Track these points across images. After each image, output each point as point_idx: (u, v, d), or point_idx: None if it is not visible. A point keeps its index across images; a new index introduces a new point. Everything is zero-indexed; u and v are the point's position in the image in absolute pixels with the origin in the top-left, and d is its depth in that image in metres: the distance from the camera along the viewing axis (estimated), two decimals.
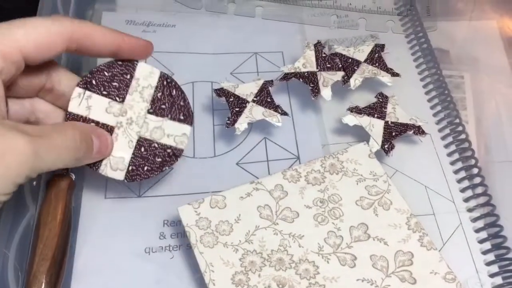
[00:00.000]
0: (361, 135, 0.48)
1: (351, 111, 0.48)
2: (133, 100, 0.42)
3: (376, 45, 0.53)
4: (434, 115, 0.52)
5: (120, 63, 0.42)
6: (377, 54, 0.52)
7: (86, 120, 0.40)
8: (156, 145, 0.41)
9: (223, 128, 0.49)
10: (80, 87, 0.41)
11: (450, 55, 0.58)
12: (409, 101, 0.51)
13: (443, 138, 0.50)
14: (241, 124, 0.46)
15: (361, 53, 0.52)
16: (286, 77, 0.50)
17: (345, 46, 0.54)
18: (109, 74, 0.41)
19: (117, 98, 0.41)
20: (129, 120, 0.41)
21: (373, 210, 0.42)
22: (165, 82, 0.43)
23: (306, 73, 0.50)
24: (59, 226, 0.37)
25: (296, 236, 0.40)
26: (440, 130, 0.51)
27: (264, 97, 0.49)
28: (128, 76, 0.42)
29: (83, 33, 0.36)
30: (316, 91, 0.49)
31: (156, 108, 0.42)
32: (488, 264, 0.43)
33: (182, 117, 0.42)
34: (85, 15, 0.57)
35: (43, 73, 0.38)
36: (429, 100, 0.53)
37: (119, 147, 0.41)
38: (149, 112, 0.42)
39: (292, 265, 0.39)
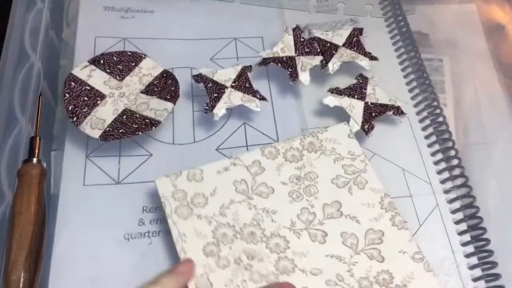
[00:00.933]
0: (341, 119, 0.48)
1: (332, 92, 0.49)
2: (131, 81, 0.47)
3: (354, 29, 0.53)
4: (412, 98, 0.52)
5: (129, 53, 0.49)
6: (355, 38, 0.52)
7: (83, 83, 0.46)
8: (138, 115, 0.45)
9: (203, 114, 0.49)
10: (88, 61, 0.48)
11: (430, 38, 0.59)
12: (388, 85, 0.51)
13: (420, 121, 0.50)
14: (220, 109, 0.46)
15: (339, 37, 0.52)
16: (265, 62, 0.50)
17: (324, 30, 0.54)
18: (117, 59, 0.49)
19: (118, 77, 0.48)
20: (122, 94, 0.46)
21: (348, 189, 0.42)
22: (165, 75, 0.48)
23: (284, 58, 0.50)
24: (34, 214, 0.37)
25: (269, 211, 0.41)
26: (418, 113, 0.51)
27: (242, 83, 0.49)
28: (133, 64, 0.48)
29: None
30: (294, 75, 0.49)
31: (149, 90, 0.47)
32: (464, 244, 0.43)
33: (168, 97, 0.46)
34: (62, 1, 0.56)
35: None
36: (407, 84, 0.53)
37: (104, 111, 0.45)
38: (141, 92, 0.47)
39: (264, 239, 0.39)
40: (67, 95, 0.46)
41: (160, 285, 0.34)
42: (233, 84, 0.48)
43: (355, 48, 0.51)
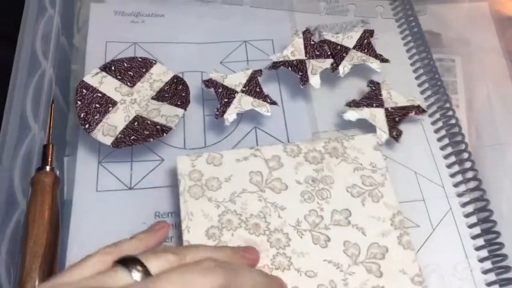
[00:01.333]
0: (352, 122, 0.48)
1: (349, 106, 0.48)
2: (142, 87, 0.48)
3: (365, 31, 0.53)
4: (425, 99, 0.52)
5: (140, 59, 0.49)
6: (366, 40, 0.52)
7: (94, 90, 0.46)
8: (149, 122, 0.45)
9: (213, 119, 0.49)
10: (99, 68, 0.48)
11: (442, 38, 0.58)
12: (399, 86, 0.51)
13: (433, 123, 0.50)
14: (230, 115, 0.46)
15: (350, 40, 0.52)
16: (275, 66, 0.50)
17: (334, 32, 0.54)
18: (128, 66, 0.48)
19: (129, 83, 0.48)
20: (133, 100, 0.46)
21: (362, 200, 0.42)
22: (175, 80, 0.48)
23: (294, 61, 0.50)
24: (47, 222, 0.37)
25: (278, 207, 0.41)
26: (430, 115, 0.50)
27: (253, 87, 0.48)
28: (144, 70, 0.48)
29: None
30: (305, 79, 0.49)
31: (160, 96, 0.47)
32: (478, 249, 0.43)
33: (179, 103, 0.46)
34: (73, 7, 0.57)
35: None
36: (420, 85, 0.53)
37: (116, 118, 0.45)
38: (152, 98, 0.47)
39: (267, 232, 0.40)
40: (79, 102, 0.46)
41: (138, 239, 0.35)
42: (244, 89, 0.48)
43: (366, 51, 0.51)
